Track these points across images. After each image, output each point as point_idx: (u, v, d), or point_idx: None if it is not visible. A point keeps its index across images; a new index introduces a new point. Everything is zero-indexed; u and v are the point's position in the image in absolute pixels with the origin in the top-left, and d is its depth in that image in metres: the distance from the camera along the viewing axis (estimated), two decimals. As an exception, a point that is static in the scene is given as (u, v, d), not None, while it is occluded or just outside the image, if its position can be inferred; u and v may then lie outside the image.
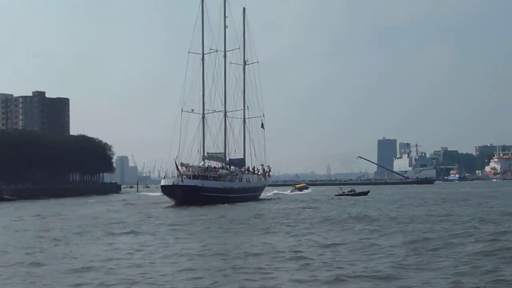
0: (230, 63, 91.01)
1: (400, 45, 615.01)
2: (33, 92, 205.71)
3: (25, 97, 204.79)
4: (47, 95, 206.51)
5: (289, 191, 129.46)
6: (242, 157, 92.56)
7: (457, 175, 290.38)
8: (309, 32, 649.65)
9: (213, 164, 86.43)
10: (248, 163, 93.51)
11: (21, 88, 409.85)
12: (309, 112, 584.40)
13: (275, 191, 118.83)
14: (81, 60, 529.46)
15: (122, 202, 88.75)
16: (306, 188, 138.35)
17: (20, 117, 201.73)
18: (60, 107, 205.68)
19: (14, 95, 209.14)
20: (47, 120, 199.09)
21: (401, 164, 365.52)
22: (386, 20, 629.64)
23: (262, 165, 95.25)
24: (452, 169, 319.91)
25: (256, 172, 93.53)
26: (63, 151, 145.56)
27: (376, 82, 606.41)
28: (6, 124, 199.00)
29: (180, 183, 74.31)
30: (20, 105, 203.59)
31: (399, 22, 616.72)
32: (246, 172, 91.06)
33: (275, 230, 36.21)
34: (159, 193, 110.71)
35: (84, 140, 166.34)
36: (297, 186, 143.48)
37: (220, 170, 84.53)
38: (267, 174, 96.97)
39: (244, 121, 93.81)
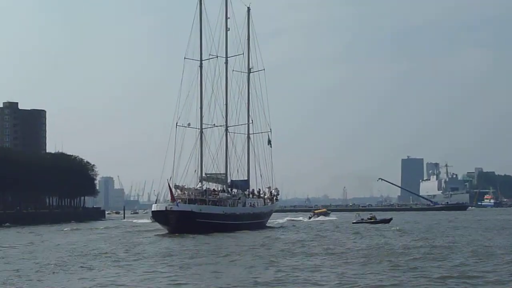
0: (233, 70, 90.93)
1: (421, 47, 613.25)
2: (4, 103, 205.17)
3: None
4: (20, 107, 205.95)
5: (308, 217, 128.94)
6: (246, 178, 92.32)
7: (492, 200, 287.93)
8: (319, 35, 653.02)
9: (213, 186, 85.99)
10: (252, 185, 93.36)
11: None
12: (318, 124, 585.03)
13: (288, 218, 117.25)
14: (59, 68, 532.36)
15: (105, 230, 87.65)
16: (328, 214, 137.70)
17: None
18: (35, 120, 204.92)
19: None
20: (20, 135, 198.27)
21: (428, 187, 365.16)
22: (405, 20, 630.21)
23: (269, 187, 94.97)
24: (487, 193, 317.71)
25: (262, 195, 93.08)
26: (38, 170, 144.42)
27: (396, 89, 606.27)
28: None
29: (174, 208, 73.66)
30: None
31: (419, 22, 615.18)
32: (251, 195, 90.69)
33: (280, 265, 34.72)
34: (148, 220, 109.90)
35: (62, 158, 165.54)
36: (317, 211, 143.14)
37: (220, 194, 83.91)
38: (274, 198, 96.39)
39: (248, 137, 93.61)
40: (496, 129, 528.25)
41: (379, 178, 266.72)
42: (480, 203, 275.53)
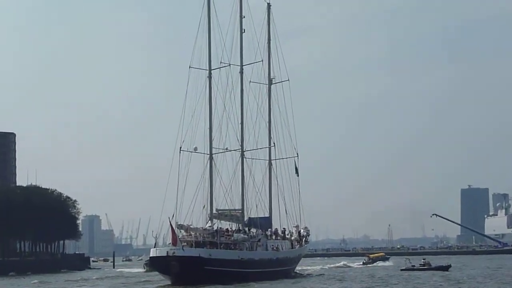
0: (250, 81, 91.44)
1: (480, 51, 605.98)
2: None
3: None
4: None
5: (362, 262, 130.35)
6: (268, 215, 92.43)
7: None
8: (354, 37, 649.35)
9: (226, 225, 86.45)
10: (276, 224, 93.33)
11: None
12: (353, 145, 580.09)
13: (329, 265, 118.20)
14: (34, 87, 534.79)
15: (88, 283, 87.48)
16: (387, 259, 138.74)
17: None
18: (2, 145, 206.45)
19: None
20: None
21: (496, 224, 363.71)
22: (458, 18, 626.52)
23: (297, 226, 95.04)
24: None
25: (288, 236, 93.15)
26: (6, 208, 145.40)
27: (452, 100, 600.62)
28: None
29: (178, 254, 73.89)
30: None
31: (479, 18, 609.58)
32: (273, 236, 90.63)
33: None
34: (142, 269, 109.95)
35: (36, 193, 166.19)
36: (372, 255, 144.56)
37: (235, 235, 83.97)
38: (304, 239, 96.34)
39: (270, 164, 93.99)
40: None
41: (433, 214, 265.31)
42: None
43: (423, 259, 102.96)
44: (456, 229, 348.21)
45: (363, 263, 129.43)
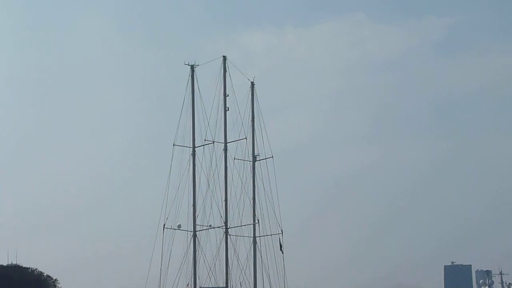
0: (234, 159, 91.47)
1: (466, 122, 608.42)
2: None
3: None
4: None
5: None
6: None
7: None
8: (339, 111, 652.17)
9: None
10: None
11: None
12: (336, 220, 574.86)
13: None
14: (11, 158, 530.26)
15: None
16: None
17: None
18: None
19: None
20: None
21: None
22: (443, 92, 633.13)
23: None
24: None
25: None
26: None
27: (434, 173, 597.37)
28: None
29: None
30: None
31: (460, 94, 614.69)
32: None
33: None
34: None
35: (15, 272, 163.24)
36: None
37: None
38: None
39: (255, 241, 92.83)
40: None
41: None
42: None
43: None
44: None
45: None
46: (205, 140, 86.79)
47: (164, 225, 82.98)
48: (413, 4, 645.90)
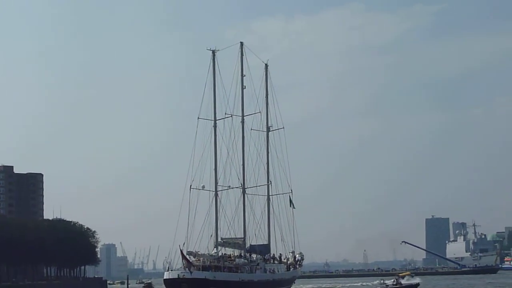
0: (251, 129, 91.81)
1: (456, 101, 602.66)
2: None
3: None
4: (15, 170, 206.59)
5: (392, 282, 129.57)
6: (266, 242, 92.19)
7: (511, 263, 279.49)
8: (342, 89, 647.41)
9: (229, 252, 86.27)
10: (273, 250, 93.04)
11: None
12: (341, 184, 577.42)
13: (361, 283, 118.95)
14: (59, 131, 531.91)
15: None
16: (413, 277, 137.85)
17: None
18: (31, 184, 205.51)
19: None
20: (16, 200, 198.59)
21: (456, 249, 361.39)
22: (438, 72, 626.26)
23: (293, 252, 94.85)
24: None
25: (284, 260, 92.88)
26: (35, 238, 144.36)
27: (425, 145, 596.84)
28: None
29: (187, 276, 74.32)
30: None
31: (455, 74, 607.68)
32: (271, 260, 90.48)
33: None
34: None
35: (60, 225, 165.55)
36: (401, 274, 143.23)
37: (237, 260, 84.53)
38: (298, 263, 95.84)
39: (268, 199, 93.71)
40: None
41: (403, 241, 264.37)
42: (500, 266, 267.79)
43: (395, 279, 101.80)
44: (422, 253, 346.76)
45: (393, 283, 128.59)
46: (225, 114, 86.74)
47: (190, 186, 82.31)
48: None
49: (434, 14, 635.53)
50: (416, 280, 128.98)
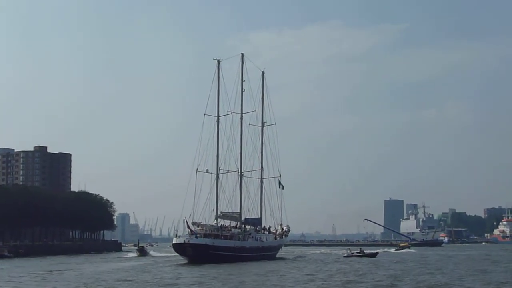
0: (249, 124, 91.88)
1: (415, 103, 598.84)
2: (34, 147, 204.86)
3: (26, 152, 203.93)
4: (48, 150, 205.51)
5: (395, 249, 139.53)
6: (259, 216, 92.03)
7: (446, 238, 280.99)
8: (323, 90, 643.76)
9: (227, 223, 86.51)
10: (264, 223, 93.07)
11: (22, 143, 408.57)
12: (321, 170, 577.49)
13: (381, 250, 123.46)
14: (88, 118, 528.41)
15: (131, 260, 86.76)
16: (410, 247, 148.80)
17: (21, 172, 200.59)
18: (61, 162, 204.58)
19: (15, 150, 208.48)
20: (48, 175, 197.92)
21: (408, 226, 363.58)
22: (402, 78, 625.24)
23: (281, 224, 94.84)
24: (460, 231, 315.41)
25: (273, 231, 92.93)
26: (63, 207, 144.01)
27: (388, 141, 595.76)
28: (6, 180, 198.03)
29: (191, 241, 74.95)
30: (21, 160, 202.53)
31: (415, 80, 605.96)
32: (262, 231, 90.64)
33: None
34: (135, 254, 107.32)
35: (84, 196, 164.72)
36: (402, 245, 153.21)
37: (233, 230, 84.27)
38: (285, 234, 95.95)
39: (261, 182, 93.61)
40: (468, 174, 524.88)
41: (365, 219, 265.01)
42: (436, 239, 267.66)
43: (360, 248, 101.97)
44: (381, 229, 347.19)
45: (396, 250, 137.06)
46: (227, 111, 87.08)
47: (197, 169, 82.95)
48: (374, 13, 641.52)
49: (399, 31, 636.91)
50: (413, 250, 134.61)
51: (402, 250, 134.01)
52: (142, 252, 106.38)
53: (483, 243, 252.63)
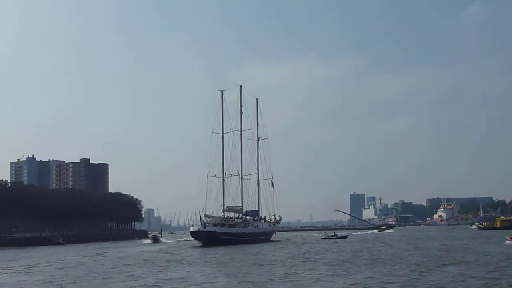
0: (247, 139, 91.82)
1: (389, 116, 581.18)
2: (80, 159, 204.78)
3: (74, 163, 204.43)
4: (91, 161, 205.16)
5: (377, 231, 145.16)
6: (256, 209, 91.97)
7: (393, 222, 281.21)
8: (308, 109, 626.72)
9: (232, 215, 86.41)
10: (261, 214, 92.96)
11: (71, 155, 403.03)
12: (307, 175, 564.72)
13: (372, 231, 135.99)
14: (126, 132, 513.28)
15: (156, 245, 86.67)
16: (388, 229, 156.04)
17: (70, 179, 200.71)
18: (101, 171, 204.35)
19: (66, 162, 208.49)
20: (91, 181, 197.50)
21: (368, 214, 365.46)
22: (375, 96, 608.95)
23: (274, 215, 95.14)
24: (408, 217, 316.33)
25: (268, 220, 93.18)
26: (103, 205, 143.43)
27: (371, 148, 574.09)
28: (59, 185, 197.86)
29: (204, 230, 75.13)
30: (70, 169, 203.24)
31: (384, 98, 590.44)
32: (259, 220, 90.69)
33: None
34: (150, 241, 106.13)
35: (119, 196, 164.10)
36: (382, 227, 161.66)
37: (236, 220, 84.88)
38: (277, 221, 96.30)
39: (258, 183, 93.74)
40: (415, 173, 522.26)
41: (336, 210, 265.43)
42: (388, 223, 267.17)
43: (334, 232, 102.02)
44: (347, 216, 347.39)
45: (378, 231, 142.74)
46: (229, 129, 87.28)
47: (207, 174, 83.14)
48: (342, 46, 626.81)
49: (364, 60, 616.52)
50: (392, 231, 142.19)
51: (384, 232, 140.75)
52: (155, 240, 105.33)
53: (422, 225, 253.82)
